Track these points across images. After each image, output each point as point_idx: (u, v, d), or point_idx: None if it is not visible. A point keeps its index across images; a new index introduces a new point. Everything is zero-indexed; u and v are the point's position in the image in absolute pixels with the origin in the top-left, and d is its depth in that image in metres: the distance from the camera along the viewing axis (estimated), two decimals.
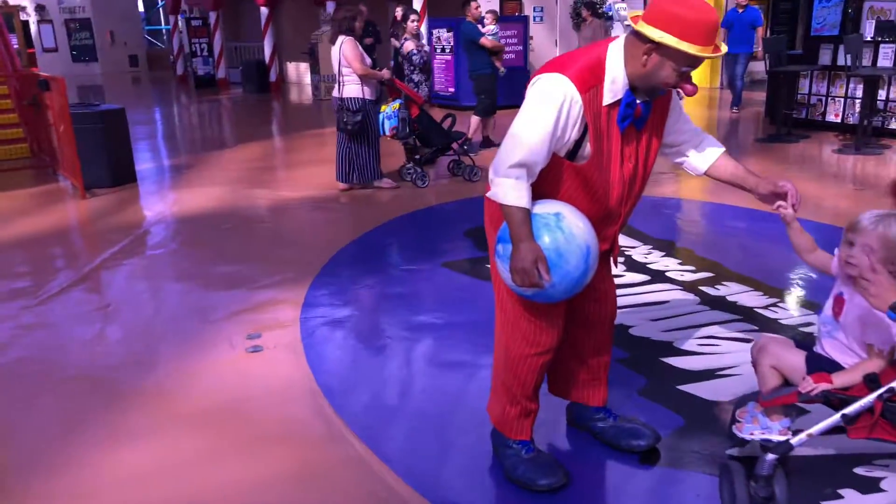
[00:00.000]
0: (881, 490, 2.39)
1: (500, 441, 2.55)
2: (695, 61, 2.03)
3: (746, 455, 2.54)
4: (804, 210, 2.26)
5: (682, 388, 3.10)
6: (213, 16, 19.38)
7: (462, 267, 4.76)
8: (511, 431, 2.52)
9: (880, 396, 2.04)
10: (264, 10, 17.81)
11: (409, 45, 8.23)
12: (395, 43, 12.76)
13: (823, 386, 2.11)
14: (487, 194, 2.21)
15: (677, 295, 4.11)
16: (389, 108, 6.85)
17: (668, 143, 2.42)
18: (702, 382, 3.13)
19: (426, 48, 7.94)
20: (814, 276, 4.35)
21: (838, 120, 8.89)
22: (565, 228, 2.12)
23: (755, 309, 3.88)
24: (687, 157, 2.47)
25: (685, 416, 2.88)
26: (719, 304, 3.97)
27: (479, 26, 8.30)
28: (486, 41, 8.17)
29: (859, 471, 2.48)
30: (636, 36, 2.07)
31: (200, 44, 19.37)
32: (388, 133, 6.85)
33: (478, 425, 2.77)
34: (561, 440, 2.79)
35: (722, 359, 3.34)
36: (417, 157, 7.09)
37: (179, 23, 21.20)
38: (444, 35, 12.88)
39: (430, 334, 3.74)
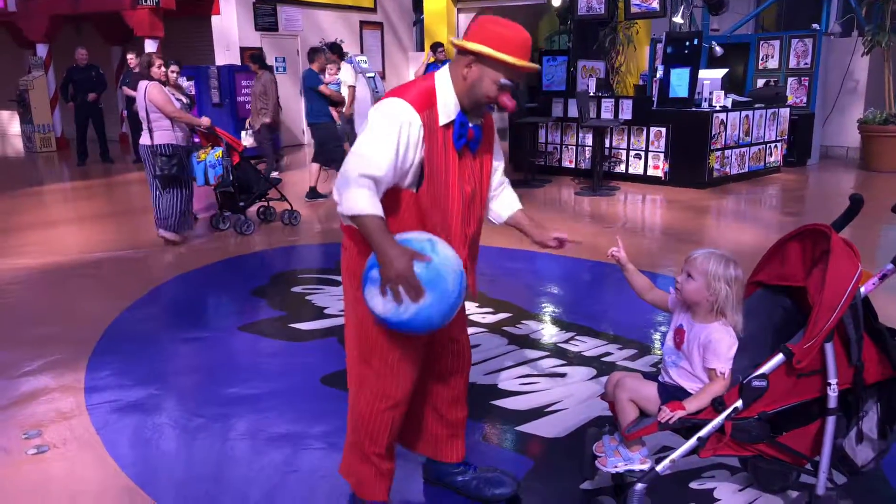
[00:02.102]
0: (717, 500, 2.65)
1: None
2: (512, 72, 2.16)
3: (597, 487, 2.68)
4: (565, 248, 2.54)
5: (520, 428, 3.19)
6: None
7: (261, 329, 4.47)
8: (366, 493, 2.45)
9: (728, 416, 2.27)
10: None
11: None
12: (127, 91, 11.82)
13: (679, 413, 2.29)
14: (339, 209, 2.12)
15: (485, 338, 4.25)
16: (211, 156, 6.52)
17: None
18: (536, 421, 3.25)
19: (185, 97, 7.44)
20: (597, 307, 4.78)
21: (573, 166, 10.00)
22: (440, 252, 2.10)
23: (558, 344, 4.15)
24: (491, 206, 2.56)
25: (532, 457, 2.96)
26: (525, 342, 4.18)
27: (322, 76, 8.28)
28: (325, 89, 8.29)
29: (694, 485, 2.73)
30: (459, 54, 2.20)
31: None
32: (213, 182, 6.59)
33: (336, 497, 2.59)
34: (420, 500, 2.70)
35: (545, 395, 3.50)
36: (242, 203, 6.91)
37: None
38: (186, 84, 12.22)
39: (248, 407, 3.43)
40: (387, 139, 2.09)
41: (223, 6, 12.96)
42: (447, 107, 2.19)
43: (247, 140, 13.05)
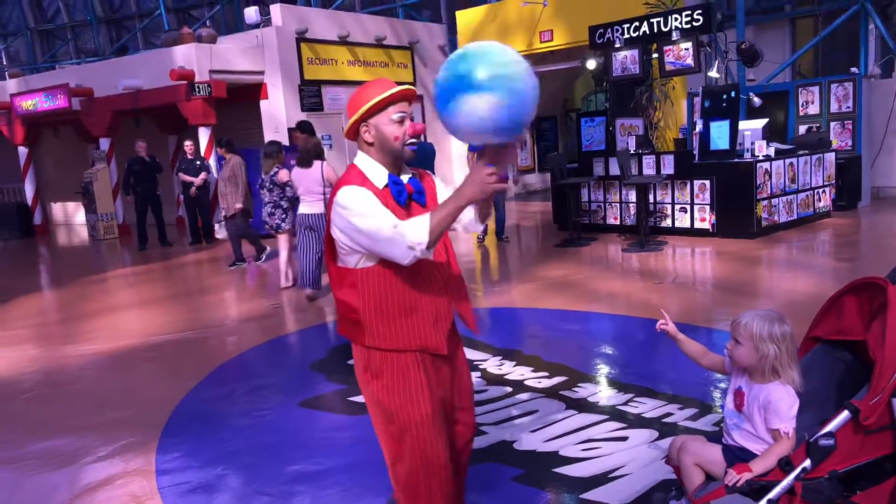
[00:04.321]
0: None
1: None
2: (395, 107, 2.35)
3: None
4: (617, 307, 2.57)
5: (585, 496, 3.16)
6: None
7: (322, 404, 4.55)
8: None
9: (797, 477, 2.24)
10: (22, 150, 16.40)
11: (284, 175, 8.04)
12: (183, 177, 12.38)
13: (746, 476, 2.27)
14: (420, 247, 2.21)
15: (543, 403, 4.25)
16: None
17: None
18: (600, 488, 3.22)
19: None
20: (654, 367, 4.75)
21: (617, 222, 10.03)
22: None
23: (617, 406, 4.12)
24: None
25: None
26: (584, 406, 4.16)
27: None
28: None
29: None
30: (354, 137, 2.42)
31: None
32: None
33: None
34: None
35: (608, 461, 3.47)
36: None
37: None
38: None
39: (313, 484, 3.48)
40: (371, 208, 2.26)
41: (271, 91, 13.55)
42: (376, 176, 2.38)
43: (220, 233, 12.68)
